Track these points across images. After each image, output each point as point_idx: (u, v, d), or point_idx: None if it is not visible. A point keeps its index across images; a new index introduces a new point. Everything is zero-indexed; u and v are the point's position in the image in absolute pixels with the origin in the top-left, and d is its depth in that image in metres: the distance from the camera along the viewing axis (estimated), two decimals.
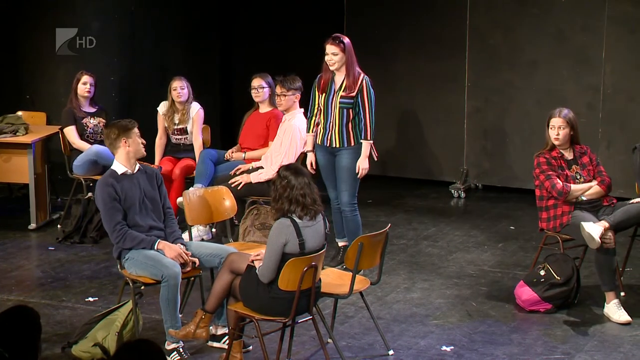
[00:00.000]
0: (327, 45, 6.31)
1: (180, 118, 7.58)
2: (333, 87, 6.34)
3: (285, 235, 4.71)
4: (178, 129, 7.60)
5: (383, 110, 8.13)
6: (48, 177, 7.78)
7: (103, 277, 6.50)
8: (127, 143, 5.27)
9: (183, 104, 7.55)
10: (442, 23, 8.90)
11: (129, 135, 5.26)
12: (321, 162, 6.48)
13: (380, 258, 5.21)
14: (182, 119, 7.57)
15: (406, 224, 7.89)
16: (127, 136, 5.26)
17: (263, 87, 7.27)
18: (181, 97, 7.53)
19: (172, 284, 5.04)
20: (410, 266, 6.78)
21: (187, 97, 7.55)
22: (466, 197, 8.85)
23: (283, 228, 4.73)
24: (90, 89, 7.59)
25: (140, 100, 9.06)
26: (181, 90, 7.53)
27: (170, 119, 7.60)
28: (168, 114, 7.60)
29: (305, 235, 4.74)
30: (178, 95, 7.52)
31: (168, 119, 7.59)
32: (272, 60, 9.46)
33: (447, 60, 8.89)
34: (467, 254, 7.09)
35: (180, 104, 7.56)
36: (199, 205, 5.78)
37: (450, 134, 9.03)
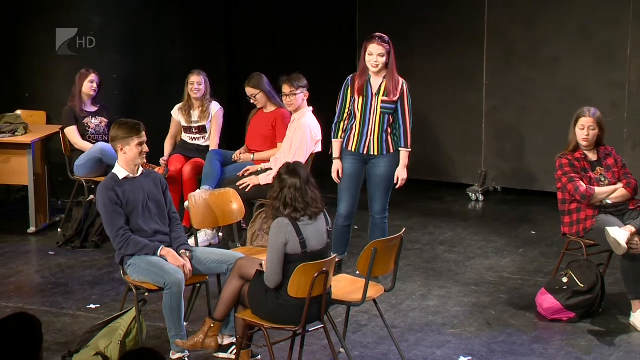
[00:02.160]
0: (372, 45, 6.15)
1: (199, 115, 7.57)
2: (370, 91, 6.21)
3: (284, 235, 4.71)
4: (197, 127, 7.58)
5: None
6: (48, 179, 7.79)
7: (105, 283, 6.51)
8: (123, 150, 5.27)
9: (200, 100, 7.55)
10: (458, 18, 8.88)
11: (126, 142, 5.25)
12: (349, 170, 6.32)
13: (394, 264, 5.20)
14: (202, 116, 7.56)
15: (422, 229, 7.87)
16: (125, 143, 5.26)
17: (255, 94, 7.27)
18: (197, 93, 7.53)
19: (176, 291, 5.05)
20: (426, 272, 6.77)
21: (203, 93, 7.55)
22: (484, 200, 8.82)
23: (281, 227, 4.73)
24: (96, 88, 7.62)
25: (144, 99, 9.07)
26: (198, 86, 7.53)
27: (187, 114, 7.58)
28: (184, 110, 7.59)
29: (305, 233, 4.74)
30: (194, 91, 7.52)
31: (185, 114, 7.57)
32: (280, 57, 9.46)
33: (464, 57, 8.87)
34: (486, 259, 7.07)
35: (197, 100, 7.56)
36: (206, 208, 5.79)
37: (467, 134, 9.01)
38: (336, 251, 6.36)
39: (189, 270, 5.19)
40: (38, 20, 8.69)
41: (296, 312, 4.72)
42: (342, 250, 6.51)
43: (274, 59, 9.36)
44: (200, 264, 5.29)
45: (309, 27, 9.85)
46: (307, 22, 9.88)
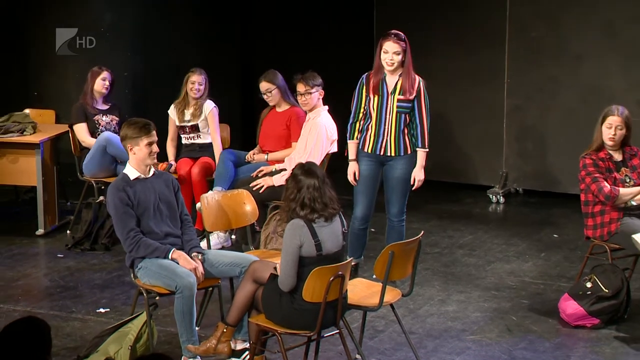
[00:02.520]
0: (387, 43, 6.13)
1: (192, 113, 7.58)
2: (385, 89, 6.20)
3: (299, 237, 4.72)
4: (190, 126, 7.61)
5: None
6: (57, 180, 7.82)
7: (115, 287, 6.53)
8: (132, 150, 5.28)
9: (197, 100, 7.57)
10: (479, 14, 8.86)
11: (136, 142, 5.27)
12: (365, 173, 6.30)
13: (412, 268, 5.20)
14: (195, 114, 7.57)
15: (440, 232, 7.86)
16: (134, 143, 5.27)
17: (270, 90, 7.27)
18: (197, 93, 7.54)
19: (187, 295, 5.06)
20: (444, 277, 6.76)
21: (202, 93, 7.56)
22: (505, 202, 8.80)
23: (296, 229, 4.74)
24: (108, 86, 7.65)
25: (155, 97, 9.09)
26: (199, 86, 7.53)
27: (181, 114, 7.60)
28: (179, 108, 7.60)
29: (321, 235, 4.74)
30: (194, 90, 7.53)
31: (179, 113, 7.59)
32: (296, 55, 9.46)
33: (485, 54, 8.84)
34: (507, 264, 7.05)
35: (194, 99, 7.57)
36: (218, 210, 5.79)
37: (488, 134, 8.99)
38: (352, 254, 6.36)
39: (201, 273, 5.20)
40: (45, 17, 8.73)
41: (311, 317, 4.72)
42: (358, 254, 6.51)
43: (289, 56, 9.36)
44: (212, 267, 5.30)
45: (324, 23, 9.85)
46: (323, 18, 9.88)
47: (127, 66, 8.87)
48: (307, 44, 9.83)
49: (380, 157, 6.29)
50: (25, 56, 8.94)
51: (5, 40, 8.97)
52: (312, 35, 9.89)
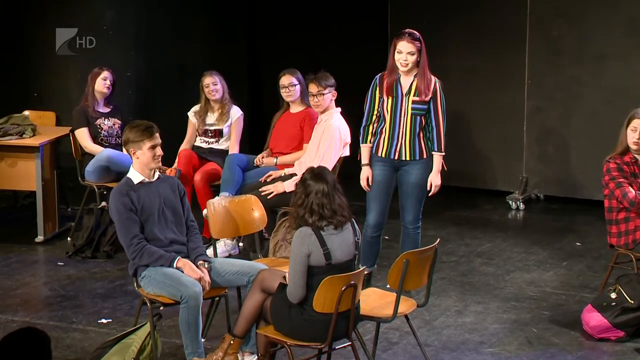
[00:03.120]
0: (401, 43, 6.13)
1: (218, 117, 7.60)
2: (400, 91, 6.20)
3: (307, 245, 4.72)
4: (213, 130, 7.62)
5: None
6: (57, 184, 7.84)
7: (118, 297, 6.55)
8: (135, 154, 5.30)
9: (219, 102, 7.58)
10: (498, 12, 8.86)
11: (138, 146, 5.28)
12: (379, 177, 6.31)
13: (428, 277, 5.20)
14: (221, 119, 7.59)
15: (457, 239, 7.86)
16: (137, 147, 5.28)
17: (294, 84, 7.28)
18: (215, 95, 7.56)
19: (193, 305, 5.07)
20: (462, 287, 6.76)
21: (222, 93, 7.58)
22: (525, 208, 8.79)
23: (304, 237, 4.74)
24: (109, 86, 7.67)
25: (160, 98, 9.12)
26: (214, 87, 7.55)
27: (202, 118, 7.62)
28: (200, 113, 7.62)
29: (330, 244, 4.75)
30: (211, 93, 7.55)
31: (200, 118, 7.62)
32: (305, 55, 9.47)
33: (504, 54, 8.85)
34: (527, 273, 7.05)
35: (216, 102, 7.59)
36: (225, 216, 5.80)
37: (507, 138, 8.98)
38: (365, 263, 6.36)
39: (207, 282, 5.21)
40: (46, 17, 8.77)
41: (322, 328, 4.73)
42: (371, 262, 6.51)
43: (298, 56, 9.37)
44: (219, 276, 5.31)
45: (335, 22, 9.86)
46: (334, 16, 9.89)
47: (130, 66, 8.89)
48: (317, 43, 9.84)
49: (395, 162, 6.29)
50: (25, 56, 8.98)
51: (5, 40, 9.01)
52: (322, 34, 9.90)
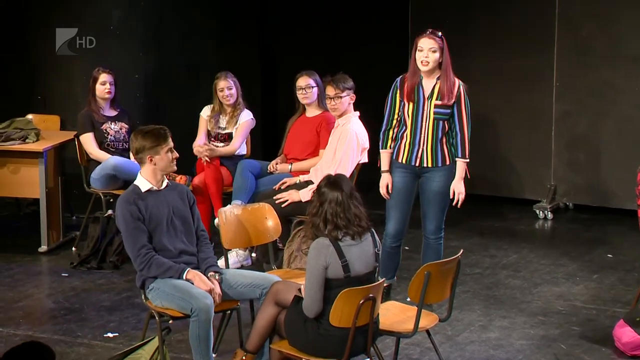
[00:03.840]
0: (422, 40, 6.13)
1: (228, 121, 7.63)
2: (422, 94, 6.20)
3: (324, 257, 4.73)
4: (223, 134, 7.65)
5: None
6: (62, 192, 7.87)
7: (125, 309, 6.57)
8: (153, 160, 5.32)
9: (233, 106, 7.61)
10: (525, 11, 8.85)
11: (156, 152, 5.31)
12: (399, 185, 6.30)
13: (450, 290, 5.19)
14: (231, 122, 7.62)
15: (482, 250, 7.85)
16: (154, 152, 5.31)
17: (312, 86, 7.30)
18: (230, 99, 7.59)
19: (203, 318, 5.08)
20: (486, 300, 6.74)
21: (236, 98, 7.61)
22: (554, 218, 8.77)
23: (321, 249, 4.75)
24: (110, 89, 7.68)
25: (169, 101, 9.15)
26: (229, 91, 7.58)
27: (216, 121, 7.65)
28: (212, 118, 7.65)
29: (348, 255, 4.75)
30: (226, 97, 7.58)
31: (212, 122, 7.65)
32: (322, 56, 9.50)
33: (531, 56, 8.83)
34: (555, 286, 7.03)
35: (230, 106, 7.62)
36: (237, 225, 5.82)
37: (534, 144, 8.96)
38: (384, 275, 6.35)
39: (219, 295, 5.23)
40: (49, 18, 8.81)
41: (339, 343, 4.73)
42: (391, 274, 6.51)
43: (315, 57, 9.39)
44: (230, 288, 5.33)
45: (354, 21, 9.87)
46: (352, 16, 9.90)
47: (138, 67, 8.93)
48: (335, 43, 9.86)
49: (416, 169, 6.28)
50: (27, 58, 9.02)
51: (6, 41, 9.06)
52: (340, 35, 9.92)
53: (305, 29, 10.06)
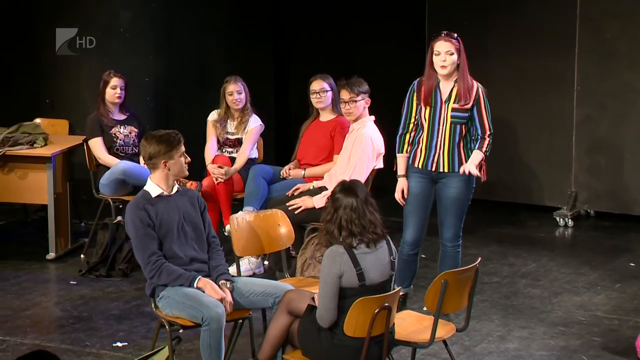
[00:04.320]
0: (439, 43, 6.15)
1: (236, 126, 7.65)
2: (439, 97, 6.21)
3: (339, 265, 4.74)
4: (232, 139, 7.67)
5: None
6: (70, 197, 7.89)
7: (134, 318, 6.58)
8: (167, 165, 5.35)
9: (241, 111, 7.63)
10: (545, 12, 8.84)
11: (170, 156, 5.33)
12: (416, 190, 6.30)
13: (468, 299, 5.19)
14: (239, 128, 7.64)
15: (500, 258, 7.84)
16: (169, 157, 5.33)
17: (326, 90, 7.31)
18: (239, 104, 7.60)
19: (215, 327, 5.09)
20: (505, 310, 6.74)
21: (245, 102, 7.62)
22: (574, 225, 8.75)
23: (336, 256, 4.76)
24: (120, 94, 7.71)
25: (180, 104, 9.16)
26: (238, 95, 7.59)
27: (223, 127, 7.67)
28: (220, 123, 7.67)
29: (363, 263, 4.76)
30: (235, 102, 7.59)
31: (220, 126, 7.66)
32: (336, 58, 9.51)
33: (551, 58, 8.82)
34: (576, 296, 7.02)
35: (238, 111, 7.63)
36: (249, 232, 5.83)
37: (554, 149, 8.95)
38: (400, 284, 6.36)
39: (230, 303, 5.24)
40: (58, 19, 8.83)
41: (353, 353, 4.74)
42: (407, 283, 6.51)
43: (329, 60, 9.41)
44: (242, 296, 5.34)
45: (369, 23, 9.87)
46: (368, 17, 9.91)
47: (148, 70, 8.94)
48: (349, 46, 9.86)
49: (432, 174, 6.29)
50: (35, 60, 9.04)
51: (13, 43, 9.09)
52: (354, 37, 9.92)
53: (319, 31, 10.07)
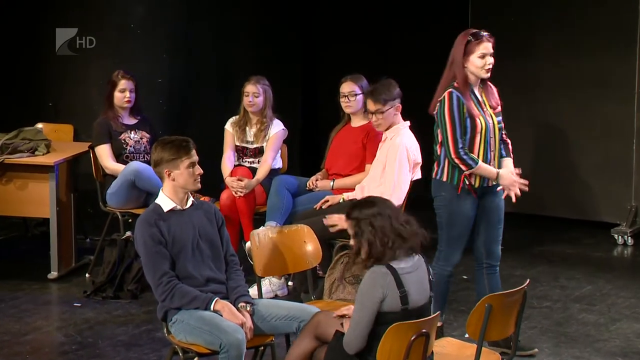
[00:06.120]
0: (485, 44, 6.11)
1: (256, 134, 7.65)
2: (480, 105, 6.19)
3: (382, 288, 4.71)
4: (253, 149, 7.66)
5: (516, 125, 8.08)
6: (75, 211, 7.93)
7: (144, 344, 6.58)
8: (171, 175, 5.33)
9: (258, 115, 7.62)
10: (601, 7, 8.81)
11: (175, 166, 5.31)
12: (470, 213, 6.23)
13: (515, 326, 5.16)
14: (259, 135, 7.64)
15: (551, 280, 7.80)
16: (173, 166, 5.31)
17: (356, 93, 7.30)
18: (252, 107, 7.60)
19: (234, 355, 5.08)
20: (556, 337, 6.70)
21: (261, 106, 7.61)
22: (634, 244, 8.70)
23: (378, 278, 4.73)
24: (130, 97, 7.72)
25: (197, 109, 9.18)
26: (254, 98, 7.59)
27: (242, 132, 7.66)
28: (239, 127, 7.67)
29: (407, 285, 4.74)
30: (249, 103, 7.60)
31: (239, 132, 7.66)
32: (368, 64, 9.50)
33: (608, 59, 8.79)
34: (636, 322, 6.97)
35: (254, 114, 7.63)
36: (272, 250, 5.81)
37: (612, 159, 8.91)
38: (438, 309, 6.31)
39: (250, 328, 5.22)
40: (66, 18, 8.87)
41: None
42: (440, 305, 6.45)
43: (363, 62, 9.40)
44: (264, 321, 5.32)
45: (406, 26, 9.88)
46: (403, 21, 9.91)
47: (162, 71, 8.96)
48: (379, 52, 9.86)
49: (479, 190, 6.26)
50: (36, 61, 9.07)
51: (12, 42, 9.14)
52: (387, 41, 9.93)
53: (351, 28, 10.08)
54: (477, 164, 6.15)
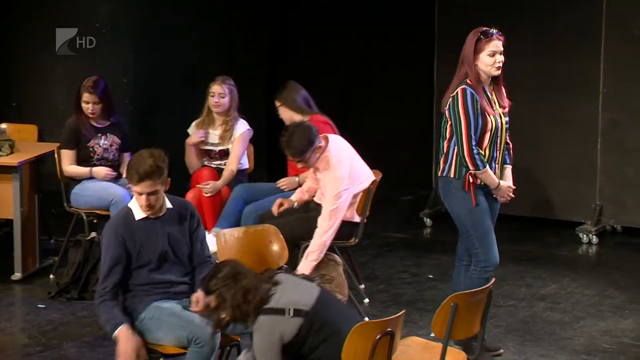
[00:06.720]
0: (495, 42, 6.19)
1: (221, 135, 7.66)
2: (491, 104, 6.25)
3: (273, 334, 4.76)
4: (218, 150, 7.68)
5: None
6: (39, 211, 7.90)
7: (109, 345, 6.51)
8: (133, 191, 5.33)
9: (224, 116, 7.64)
10: (567, 6, 8.86)
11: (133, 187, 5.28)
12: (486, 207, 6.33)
13: (480, 324, 5.20)
14: (224, 137, 7.65)
15: (517, 279, 7.85)
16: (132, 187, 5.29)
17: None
18: (218, 108, 7.62)
19: (207, 350, 5.10)
20: (521, 336, 6.75)
21: (227, 107, 7.63)
22: (600, 243, 8.77)
23: (264, 328, 4.76)
24: (92, 109, 7.56)
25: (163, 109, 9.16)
26: (220, 99, 7.61)
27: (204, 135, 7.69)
28: (201, 127, 7.68)
29: (289, 303, 4.79)
30: (215, 104, 7.61)
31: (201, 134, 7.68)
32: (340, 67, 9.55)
33: (574, 58, 8.83)
34: (601, 320, 7.03)
35: (219, 115, 7.65)
36: (238, 250, 5.84)
37: (578, 158, 8.96)
38: None
39: None
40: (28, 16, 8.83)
41: None
42: None
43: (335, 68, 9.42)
44: None
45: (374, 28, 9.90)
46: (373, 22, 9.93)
47: (127, 70, 8.93)
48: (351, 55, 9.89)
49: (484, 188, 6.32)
50: None
51: None
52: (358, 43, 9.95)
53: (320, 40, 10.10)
54: (485, 168, 6.19)
